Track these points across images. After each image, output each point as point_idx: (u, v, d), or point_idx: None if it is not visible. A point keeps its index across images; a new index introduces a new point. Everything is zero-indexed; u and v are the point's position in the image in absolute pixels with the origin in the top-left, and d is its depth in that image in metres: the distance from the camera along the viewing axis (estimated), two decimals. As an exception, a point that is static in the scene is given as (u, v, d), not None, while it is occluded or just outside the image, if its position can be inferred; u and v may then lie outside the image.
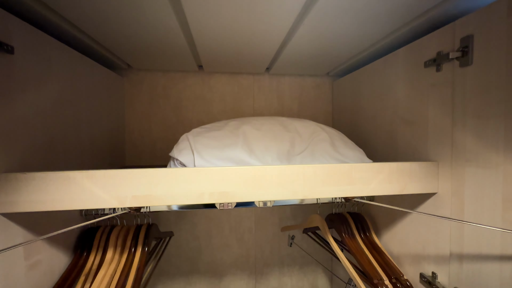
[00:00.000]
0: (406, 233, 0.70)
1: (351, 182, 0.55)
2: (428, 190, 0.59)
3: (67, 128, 0.66)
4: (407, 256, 0.70)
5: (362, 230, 0.80)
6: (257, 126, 0.72)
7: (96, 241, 0.69)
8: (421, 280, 0.63)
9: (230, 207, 0.53)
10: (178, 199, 0.50)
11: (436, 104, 0.59)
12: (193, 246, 1.09)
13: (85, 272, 0.64)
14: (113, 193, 0.48)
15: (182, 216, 1.07)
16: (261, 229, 1.13)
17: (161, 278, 1.08)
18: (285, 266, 1.16)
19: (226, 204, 0.52)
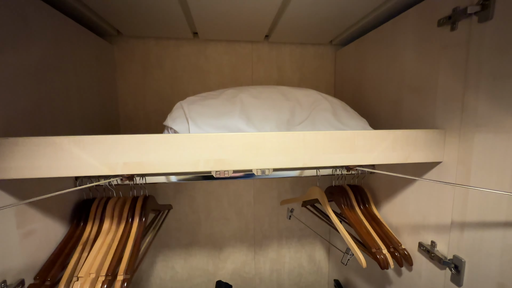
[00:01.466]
0: (406, 204, 0.69)
1: (354, 150, 0.53)
2: (433, 159, 0.56)
3: (55, 97, 0.62)
4: (406, 227, 0.69)
5: (362, 202, 0.79)
6: (255, 94, 0.68)
7: (92, 212, 0.68)
8: (420, 249, 0.63)
9: (227, 176, 0.51)
10: (172, 167, 0.48)
11: (447, 68, 0.55)
12: (192, 219, 1.10)
13: (83, 241, 0.63)
14: (103, 160, 0.46)
15: (180, 190, 1.07)
16: (260, 203, 1.13)
17: (162, 250, 1.10)
18: (283, 238, 1.17)
19: (223, 172, 0.50)
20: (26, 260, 0.53)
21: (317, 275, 1.23)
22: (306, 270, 1.22)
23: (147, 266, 1.10)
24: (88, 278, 0.55)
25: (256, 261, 1.17)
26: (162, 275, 1.12)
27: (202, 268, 1.14)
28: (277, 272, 1.20)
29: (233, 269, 1.16)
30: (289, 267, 1.20)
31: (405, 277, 0.70)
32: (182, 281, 1.13)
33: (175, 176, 0.74)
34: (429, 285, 0.61)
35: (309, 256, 1.21)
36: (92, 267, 0.57)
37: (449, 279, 0.56)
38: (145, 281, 1.11)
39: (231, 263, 1.15)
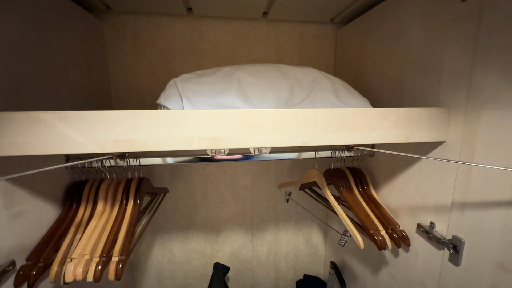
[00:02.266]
0: (406, 186, 0.68)
1: (355, 129, 0.51)
2: (436, 139, 0.55)
3: (39, 73, 0.58)
4: (404, 208, 0.69)
5: (361, 184, 0.78)
6: (253, 72, 0.65)
7: (85, 194, 0.67)
8: (418, 230, 0.63)
9: (223, 155, 0.49)
10: (164, 145, 0.45)
11: (455, 43, 0.52)
12: (189, 203, 1.09)
13: (76, 223, 0.62)
14: (91, 137, 0.43)
15: (176, 174, 1.05)
16: (257, 187, 1.12)
17: (159, 233, 1.10)
18: (280, 222, 1.18)
19: (218, 151, 0.48)
20: (16, 241, 0.52)
21: (314, 257, 1.25)
22: (302, 252, 1.23)
23: (145, 249, 1.10)
24: (82, 259, 0.54)
25: (253, 244, 1.18)
26: (160, 258, 1.12)
27: (199, 251, 1.14)
28: (274, 255, 1.21)
29: (230, 252, 1.17)
30: (286, 250, 1.21)
31: (402, 258, 0.71)
32: (180, 264, 1.14)
33: (171, 158, 0.72)
34: (426, 265, 0.62)
35: (306, 239, 1.22)
36: (86, 248, 0.56)
37: (447, 259, 0.55)
38: (143, 263, 1.12)
39: (229, 246, 1.16)
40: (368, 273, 0.88)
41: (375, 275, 0.83)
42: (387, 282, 0.77)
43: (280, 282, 1.25)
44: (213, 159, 0.74)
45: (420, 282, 0.64)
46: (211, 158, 0.74)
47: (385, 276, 0.78)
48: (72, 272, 0.52)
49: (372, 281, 0.86)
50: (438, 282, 0.58)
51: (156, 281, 1.14)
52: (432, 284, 0.60)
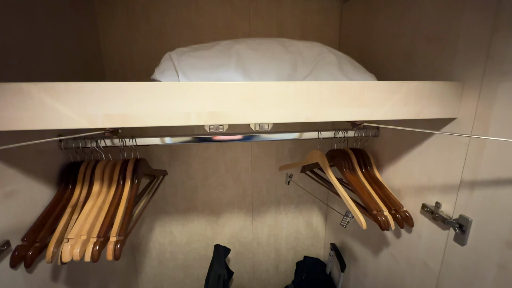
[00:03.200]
0: (411, 166, 0.66)
1: (362, 104, 0.48)
2: (447, 115, 0.52)
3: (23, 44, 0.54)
4: (409, 189, 0.67)
5: (364, 165, 0.76)
6: (253, 46, 0.61)
7: (81, 175, 0.65)
8: (423, 210, 0.61)
9: (222, 131, 0.46)
10: (159, 120, 0.43)
11: (474, 9, 0.48)
12: (189, 185, 1.07)
13: (72, 204, 0.60)
14: (80, 111, 0.40)
15: (175, 156, 1.03)
16: (257, 170, 1.11)
17: (159, 215, 1.10)
18: (281, 205, 1.17)
19: (217, 127, 0.46)
20: (10, 221, 0.50)
21: (314, 239, 1.25)
22: (303, 235, 1.24)
23: (145, 231, 1.10)
24: (79, 240, 0.53)
25: (254, 227, 1.18)
26: (161, 240, 1.13)
27: (200, 233, 1.14)
28: (275, 237, 1.21)
29: (231, 234, 1.17)
30: (287, 232, 1.22)
31: (404, 239, 0.70)
32: (181, 245, 1.14)
33: (169, 137, 0.69)
34: (430, 245, 0.61)
35: (306, 221, 1.22)
36: (82, 228, 0.54)
37: (452, 239, 0.54)
38: (144, 245, 1.12)
39: (229, 228, 1.16)
40: (368, 254, 0.88)
41: (376, 255, 0.83)
42: (388, 263, 0.77)
43: (280, 264, 1.27)
44: (212, 139, 0.71)
45: (423, 262, 0.63)
46: (210, 138, 0.71)
47: (386, 256, 0.78)
48: (69, 252, 0.51)
49: (372, 262, 0.86)
50: (442, 261, 0.57)
51: (157, 262, 1.15)
52: (435, 264, 0.59)
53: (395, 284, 0.74)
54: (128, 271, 1.05)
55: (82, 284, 0.73)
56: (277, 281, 1.30)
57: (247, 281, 1.26)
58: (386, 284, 0.79)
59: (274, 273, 1.27)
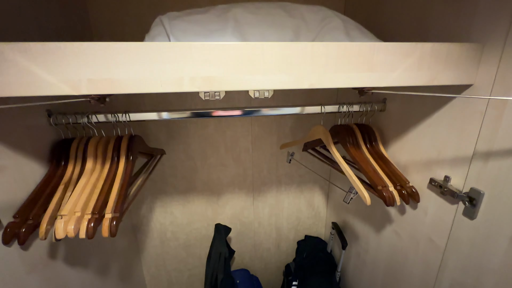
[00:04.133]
0: (420, 140, 0.62)
1: (371, 68, 0.44)
2: (463, 81, 0.48)
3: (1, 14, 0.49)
4: (416, 164, 0.64)
5: (369, 141, 0.73)
6: (252, 9, 0.56)
7: (73, 152, 0.62)
8: (430, 185, 0.59)
9: (218, 98, 0.42)
10: (149, 86, 0.39)
11: (500, -42, 0.42)
12: (188, 165, 1.05)
13: (64, 181, 0.58)
14: (61, 75, 0.37)
15: (173, 135, 1.00)
16: (258, 149, 1.08)
17: (159, 196, 1.08)
18: (282, 184, 1.16)
19: (213, 94, 0.42)
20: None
21: (315, 219, 1.25)
22: (304, 214, 1.23)
23: (146, 211, 1.09)
24: (73, 217, 0.51)
25: (255, 207, 1.17)
26: (162, 220, 1.12)
27: (201, 214, 1.14)
28: (276, 217, 1.21)
29: (232, 214, 1.17)
30: (288, 212, 1.21)
31: (409, 215, 0.68)
32: (182, 226, 1.14)
33: (165, 112, 0.65)
34: (436, 220, 0.59)
35: (307, 201, 1.21)
36: (76, 205, 0.52)
37: (460, 213, 0.52)
38: (145, 225, 1.12)
39: (230, 208, 1.15)
40: (371, 232, 0.87)
41: (378, 233, 0.82)
42: (390, 240, 0.76)
43: (282, 243, 1.27)
44: (210, 114, 0.68)
45: (428, 238, 0.62)
46: (208, 114, 0.68)
47: (389, 233, 0.77)
48: (63, 229, 0.49)
49: (374, 239, 0.85)
50: (448, 236, 0.56)
51: (159, 242, 1.16)
52: (441, 239, 0.58)
53: (397, 260, 0.74)
54: (130, 250, 1.06)
55: (83, 262, 0.73)
56: (278, 260, 1.31)
57: (249, 260, 1.28)
58: (388, 260, 0.78)
59: (276, 251, 1.28)
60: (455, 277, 0.55)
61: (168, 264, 1.20)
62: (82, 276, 0.72)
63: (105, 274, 0.85)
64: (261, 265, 1.30)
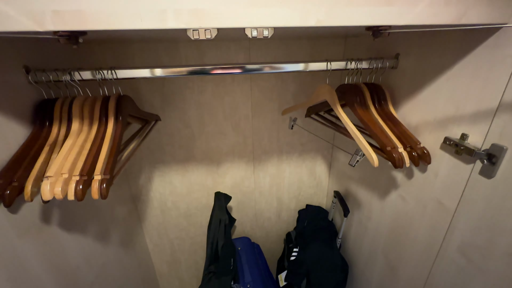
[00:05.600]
0: (436, 96, 0.57)
1: (389, 1, 0.37)
2: (496, 19, 0.41)
3: None
4: (429, 124, 0.59)
5: (378, 101, 0.68)
6: None
7: (57, 112, 0.57)
8: (444, 144, 0.54)
9: (210, 38, 0.36)
10: (125, 20, 0.33)
11: None
12: (185, 134, 1.01)
13: (50, 142, 0.54)
14: (20, 7, 0.31)
15: (168, 101, 0.94)
16: (258, 116, 1.03)
17: (157, 165, 1.06)
18: (284, 153, 1.12)
19: (203, 32, 0.36)
20: (-24, 157, 0.44)
21: (317, 188, 1.23)
22: (306, 184, 1.21)
23: (145, 181, 1.08)
24: (60, 178, 0.48)
25: (255, 176, 1.15)
26: (161, 190, 1.11)
27: (200, 183, 1.12)
28: (277, 186, 1.19)
29: (232, 184, 1.15)
30: (289, 181, 1.19)
31: (417, 179, 0.65)
32: (182, 195, 1.13)
33: (158, 69, 0.60)
34: (447, 182, 0.55)
35: (309, 170, 1.18)
36: (63, 167, 0.49)
37: (476, 173, 0.48)
38: (145, 195, 1.11)
39: (230, 178, 1.13)
40: (374, 198, 0.85)
41: (383, 199, 0.80)
42: (395, 205, 0.74)
43: (283, 212, 1.27)
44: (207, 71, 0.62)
45: (437, 201, 0.59)
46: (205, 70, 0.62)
47: (393, 199, 0.74)
48: (49, 190, 0.46)
49: (378, 206, 0.83)
50: (460, 198, 0.52)
51: (160, 211, 1.16)
52: (451, 201, 0.55)
53: (401, 225, 0.72)
54: (130, 219, 1.06)
55: (81, 229, 0.72)
56: (279, 229, 1.32)
57: (250, 229, 1.29)
58: (392, 226, 0.76)
59: (276, 220, 1.29)
60: (465, 239, 0.52)
61: (170, 233, 1.22)
62: (82, 242, 0.72)
63: (106, 241, 0.84)
64: (262, 233, 1.32)
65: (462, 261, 0.53)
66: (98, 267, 0.79)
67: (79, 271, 0.70)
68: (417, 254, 0.67)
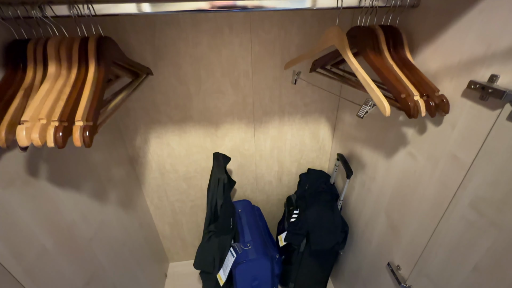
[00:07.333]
0: (463, 35, 0.49)
1: None
2: None
3: None
4: (451, 70, 0.52)
5: (394, 46, 0.60)
6: None
7: (30, 54, 0.51)
8: (468, 89, 0.48)
9: None
10: None
11: None
12: (181, 92, 0.95)
13: (25, 86, 0.49)
14: None
15: (160, 55, 0.86)
16: (259, 73, 0.95)
17: (153, 126, 1.01)
18: (286, 114, 1.06)
19: None
20: None
21: (319, 152, 1.20)
22: (308, 147, 1.17)
23: (141, 142, 1.04)
24: (37, 124, 0.43)
25: (256, 139, 1.10)
26: (159, 152, 1.08)
27: (199, 145, 1.08)
28: (278, 150, 1.16)
29: (232, 146, 1.11)
30: (291, 144, 1.15)
31: (430, 133, 0.59)
32: (180, 157, 1.10)
33: (146, 3, 0.52)
34: (466, 133, 0.50)
35: (312, 133, 1.13)
36: (40, 112, 0.44)
37: (504, 119, 0.43)
38: (142, 157, 1.08)
39: (230, 140, 1.09)
40: (380, 158, 0.80)
41: (389, 158, 0.76)
42: (403, 163, 0.70)
43: (284, 176, 1.25)
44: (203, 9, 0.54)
45: (451, 155, 0.54)
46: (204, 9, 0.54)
47: (402, 156, 0.70)
48: (26, 136, 0.42)
49: (383, 165, 0.79)
50: (480, 149, 0.47)
51: (159, 173, 1.14)
52: (468, 154, 0.50)
53: (408, 185, 0.68)
54: (129, 181, 1.04)
55: (74, 185, 0.70)
56: (280, 193, 1.31)
57: (250, 192, 1.28)
58: (397, 186, 0.73)
59: (277, 184, 1.27)
60: (479, 193, 0.49)
61: (171, 195, 1.21)
62: (77, 199, 0.70)
63: (103, 200, 0.83)
64: (263, 197, 1.31)
65: (473, 216, 0.50)
66: (97, 224, 0.79)
67: (76, 227, 0.69)
68: (422, 213, 0.64)
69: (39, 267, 0.56)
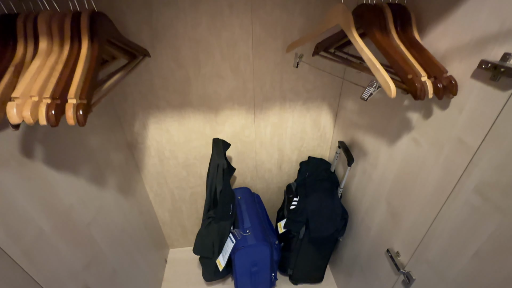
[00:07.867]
0: (476, 12, 0.46)
1: None
2: None
3: None
4: (461, 50, 0.50)
5: (402, 25, 0.57)
6: None
7: (20, 30, 0.48)
8: (479, 69, 0.46)
9: None
10: None
11: None
12: (179, 76, 0.92)
13: (15, 63, 0.47)
14: None
15: (158, 37, 0.83)
16: (260, 57, 0.92)
17: (151, 111, 0.99)
18: (287, 101, 1.04)
19: None
20: None
21: (321, 140, 1.18)
22: (309, 135, 1.16)
23: (139, 128, 1.02)
24: (28, 101, 0.41)
25: (256, 125, 1.09)
26: (158, 138, 1.06)
27: (198, 132, 1.07)
28: (279, 137, 1.14)
29: (232, 133, 1.09)
30: (292, 132, 1.13)
31: (436, 118, 0.58)
32: (179, 144, 1.09)
33: None
34: (474, 116, 0.48)
35: (313, 121, 1.11)
36: (32, 88, 0.42)
37: (515, 99, 0.41)
38: (141, 143, 1.07)
39: (230, 126, 1.07)
40: (382, 145, 0.79)
41: (392, 144, 0.74)
42: (406, 149, 0.68)
43: (284, 164, 1.24)
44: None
45: (457, 140, 0.52)
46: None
47: (405, 143, 0.68)
48: (16, 114, 0.40)
49: (386, 152, 0.78)
50: (488, 132, 0.46)
51: (158, 160, 1.13)
52: (475, 138, 0.48)
53: (411, 171, 0.67)
54: (127, 166, 1.03)
55: (71, 169, 0.68)
56: (280, 181, 1.31)
57: (250, 180, 1.27)
58: (399, 172, 0.72)
59: (277, 172, 1.27)
60: (484, 178, 0.47)
61: (170, 182, 1.21)
62: (73, 182, 0.69)
63: (101, 185, 0.82)
64: (263, 185, 1.31)
65: (477, 201, 0.49)
66: (95, 209, 0.78)
67: (74, 211, 0.68)
68: (424, 199, 0.63)
69: (37, 248, 0.56)
